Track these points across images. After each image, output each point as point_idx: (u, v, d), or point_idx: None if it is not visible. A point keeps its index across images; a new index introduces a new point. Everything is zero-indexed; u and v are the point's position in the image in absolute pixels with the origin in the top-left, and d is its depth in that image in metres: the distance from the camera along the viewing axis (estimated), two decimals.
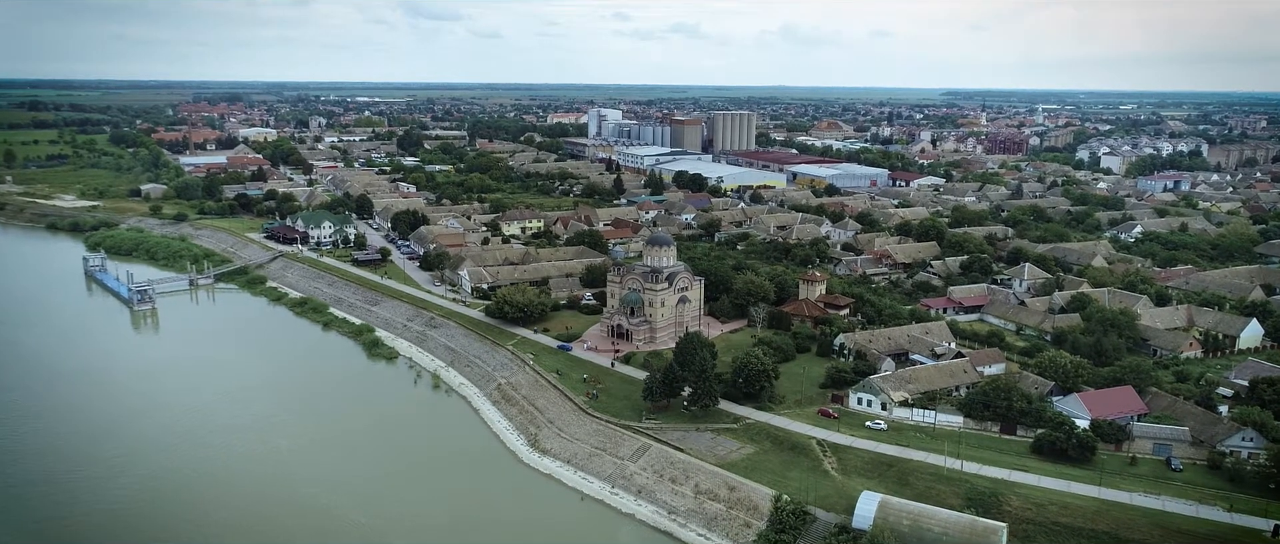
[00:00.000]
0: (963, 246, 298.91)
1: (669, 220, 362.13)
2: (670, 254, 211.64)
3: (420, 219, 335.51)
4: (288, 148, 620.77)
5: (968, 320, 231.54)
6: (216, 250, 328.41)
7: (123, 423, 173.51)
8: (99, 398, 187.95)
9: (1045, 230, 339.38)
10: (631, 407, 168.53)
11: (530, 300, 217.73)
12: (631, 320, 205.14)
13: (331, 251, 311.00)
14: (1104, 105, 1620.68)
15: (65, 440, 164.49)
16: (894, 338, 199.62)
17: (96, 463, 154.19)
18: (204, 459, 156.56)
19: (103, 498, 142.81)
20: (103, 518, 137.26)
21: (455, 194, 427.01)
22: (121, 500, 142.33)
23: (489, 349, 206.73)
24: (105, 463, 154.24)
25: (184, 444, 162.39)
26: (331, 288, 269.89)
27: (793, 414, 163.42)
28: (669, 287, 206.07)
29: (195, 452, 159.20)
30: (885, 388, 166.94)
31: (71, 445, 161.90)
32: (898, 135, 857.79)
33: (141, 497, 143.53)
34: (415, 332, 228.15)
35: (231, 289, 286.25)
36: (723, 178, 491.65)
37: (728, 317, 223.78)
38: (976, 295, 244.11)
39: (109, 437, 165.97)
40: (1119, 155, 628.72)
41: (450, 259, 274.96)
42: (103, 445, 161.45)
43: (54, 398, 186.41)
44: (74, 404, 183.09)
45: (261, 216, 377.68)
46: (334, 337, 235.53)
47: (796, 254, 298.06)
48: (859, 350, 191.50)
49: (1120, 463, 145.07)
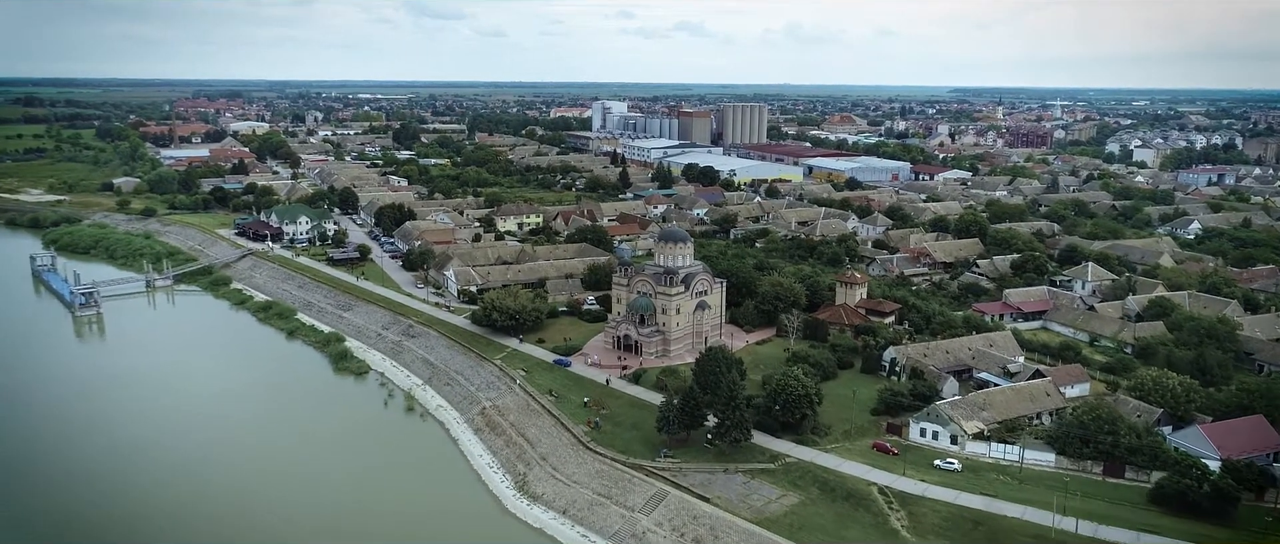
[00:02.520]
0: (1009, 243, 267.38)
1: (680, 215, 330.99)
2: (686, 252, 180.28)
3: (406, 214, 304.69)
4: (277, 141, 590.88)
5: (1030, 328, 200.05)
6: (182, 248, 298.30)
7: (24, 458, 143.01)
8: (10, 422, 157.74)
9: (1095, 226, 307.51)
10: (642, 439, 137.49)
11: (522, 306, 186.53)
12: (641, 330, 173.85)
13: (307, 249, 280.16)
14: (1115, 102, 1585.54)
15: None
16: (953, 351, 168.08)
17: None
18: (111, 512, 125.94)
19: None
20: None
21: (449, 188, 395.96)
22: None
23: (473, 363, 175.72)
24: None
25: (90, 492, 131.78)
26: (301, 290, 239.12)
27: (842, 450, 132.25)
28: (685, 290, 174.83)
29: (100, 503, 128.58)
30: (955, 417, 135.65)
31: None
32: (914, 130, 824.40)
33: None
34: (390, 341, 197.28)
35: (192, 291, 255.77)
36: (735, 171, 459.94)
37: (753, 325, 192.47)
38: (1037, 300, 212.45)
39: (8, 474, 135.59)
40: (1152, 148, 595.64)
41: (435, 257, 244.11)
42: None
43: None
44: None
45: (238, 212, 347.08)
46: (298, 347, 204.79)
47: (823, 252, 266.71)
48: (914, 367, 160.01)
49: (1267, 518, 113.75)
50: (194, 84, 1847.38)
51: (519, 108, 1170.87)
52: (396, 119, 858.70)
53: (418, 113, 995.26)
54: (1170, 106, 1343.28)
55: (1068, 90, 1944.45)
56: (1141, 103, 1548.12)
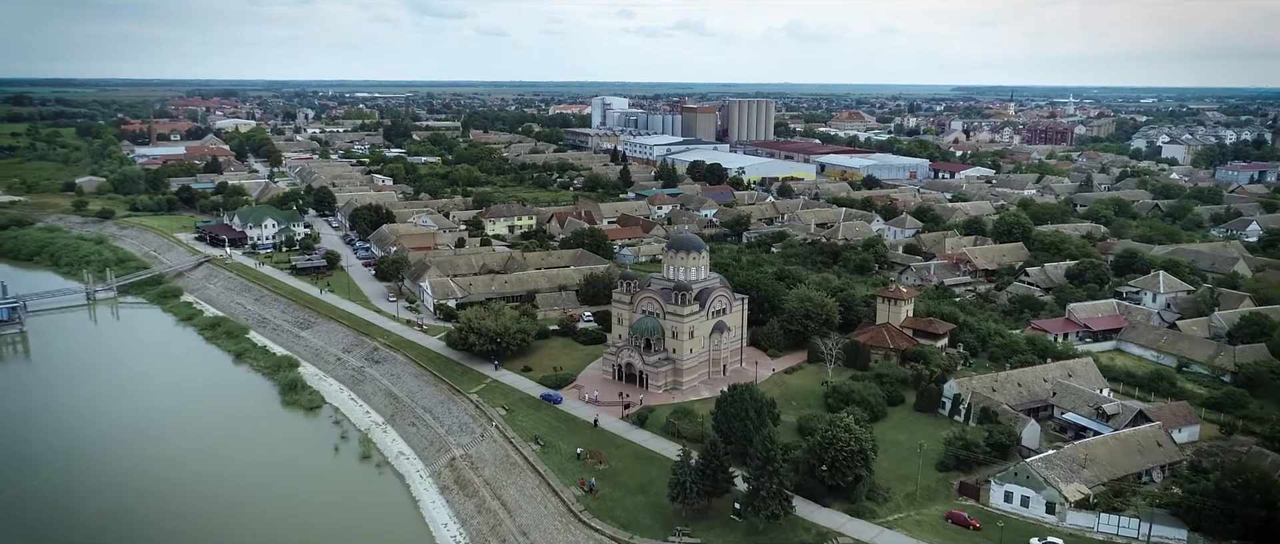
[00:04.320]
0: (1059, 248, 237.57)
1: (687, 217, 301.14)
2: (701, 263, 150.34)
3: (385, 216, 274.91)
4: (260, 138, 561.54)
5: (1101, 350, 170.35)
6: (136, 254, 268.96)
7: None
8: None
9: (1144, 227, 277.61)
10: (650, 507, 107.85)
11: (505, 327, 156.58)
12: (647, 358, 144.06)
13: (269, 256, 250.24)
14: (1123, 99, 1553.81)
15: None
16: (1027, 385, 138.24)
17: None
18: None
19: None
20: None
21: (437, 187, 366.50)
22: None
23: (445, 398, 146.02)
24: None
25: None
26: (258, 304, 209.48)
27: (908, 523, 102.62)
28: (700, 309, 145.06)
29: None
30: (1051, 477, 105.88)
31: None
32: (926, 126, 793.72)
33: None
34: (351, 368, 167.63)
35: (138, 304, 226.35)
36: (744, 169, 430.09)
37: (779, 348, 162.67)
38: (1106, 315, 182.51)
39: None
40: (1181, 144, 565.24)
41: (410, 266, 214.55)
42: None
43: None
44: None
45: (205, 213, 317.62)
46: (244, 373, 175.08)
47: (848, 258, 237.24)
48: (984, 407, 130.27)
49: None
50: (194, 84, 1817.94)
51: (518, 106, 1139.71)
52: (391, 116, 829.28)
53: (413, 110, 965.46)
54: (1181, 103, 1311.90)
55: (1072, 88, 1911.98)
56: (1149, 100, 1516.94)
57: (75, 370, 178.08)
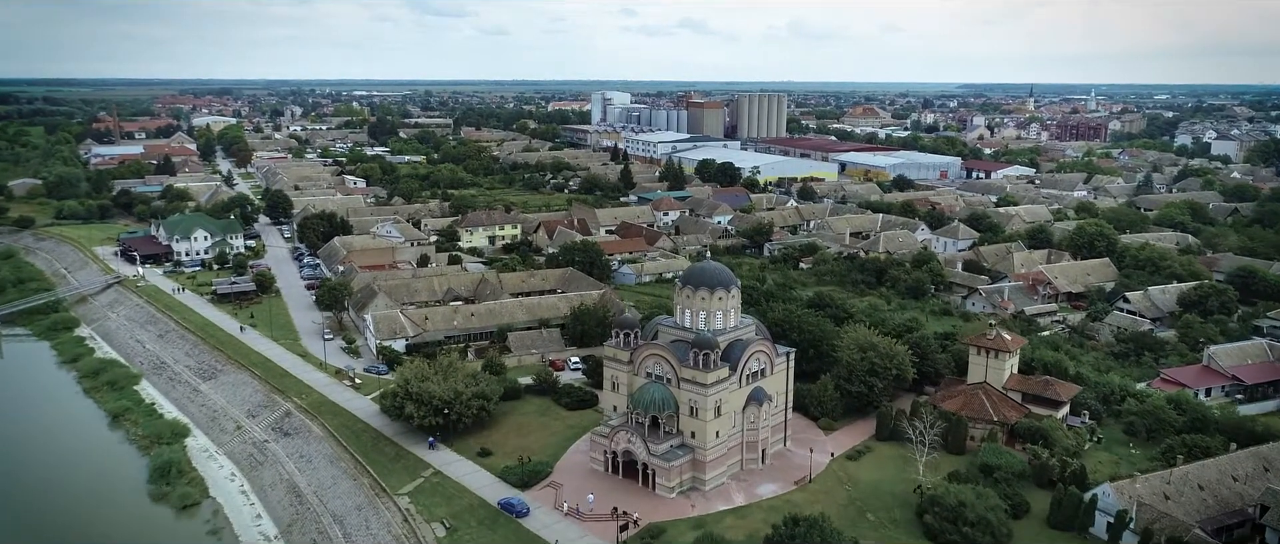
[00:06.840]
0: (1157, 266, 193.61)
1: (697, 225, 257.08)
2: (729, 305, 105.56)
3: (339, 226, 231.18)
4: (233, 136, 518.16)
5: (1259, 412, 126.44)
6: (45, 272, 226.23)
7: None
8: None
9: (1247, 239, 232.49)
10: None
11: (457, 392, 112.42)
12: (654, 445, 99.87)
13: (192, 278, 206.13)
14: (1135, 95, 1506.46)
15: None
16: (1210, 486, 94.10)
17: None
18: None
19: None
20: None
21: (414, 190, 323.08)
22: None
23: (364, 502, 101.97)
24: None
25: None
26: (159, 342, 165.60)
27: None
28: (731, 375, 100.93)
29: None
30: None
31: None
32: (947, 123, 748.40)
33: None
34: (253, 441, 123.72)
35: (21, 337, 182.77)
36: (758, 168, 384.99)
37: (833, 416, 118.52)
38: (1258, 363, 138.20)
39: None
40: (1233, 140, 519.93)
41: (353, 294, 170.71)
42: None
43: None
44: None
45: (143, 220, 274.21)
46: (116, 443, 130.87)
47: (897, 278, 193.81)
48: (1153, 524, 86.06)
49: None
50: (192, 83, 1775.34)
51: (517, 104, 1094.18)
52: (381, 113, 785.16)
53: (407, 108, 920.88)
54: (1198, 100, 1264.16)
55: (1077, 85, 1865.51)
56: (1163, 96, 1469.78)
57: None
